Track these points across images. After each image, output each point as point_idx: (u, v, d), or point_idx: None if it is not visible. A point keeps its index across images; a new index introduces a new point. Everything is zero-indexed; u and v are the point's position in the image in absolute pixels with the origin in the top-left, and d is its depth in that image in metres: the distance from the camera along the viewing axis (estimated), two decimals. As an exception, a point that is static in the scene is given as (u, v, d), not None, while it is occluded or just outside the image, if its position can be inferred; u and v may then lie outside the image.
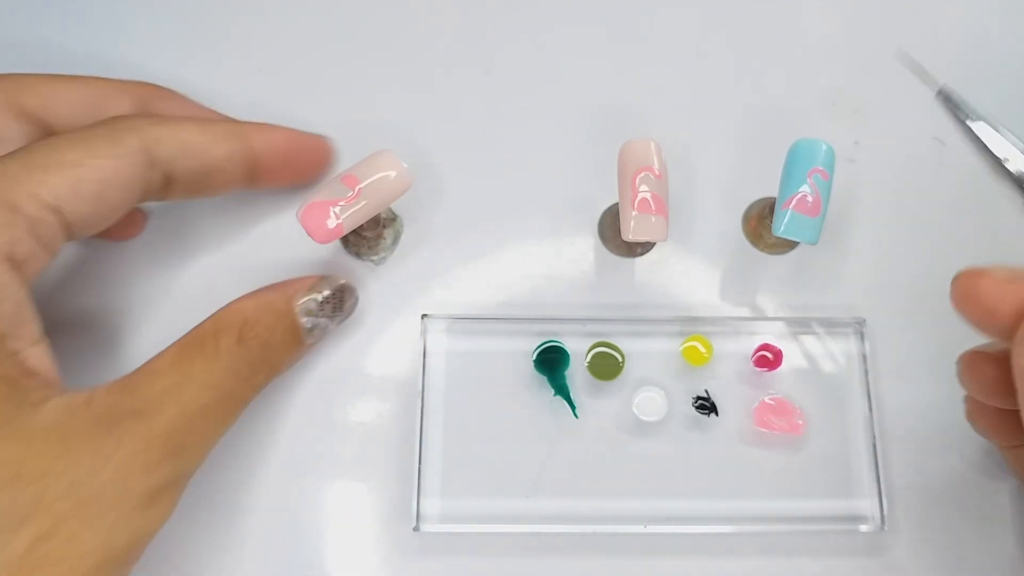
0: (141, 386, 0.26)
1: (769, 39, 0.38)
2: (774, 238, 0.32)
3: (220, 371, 0.27)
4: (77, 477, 0.23)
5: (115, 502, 0.24)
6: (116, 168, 0.27)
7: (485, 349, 0.33)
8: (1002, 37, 0.38)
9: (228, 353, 0.27)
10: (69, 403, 0.24)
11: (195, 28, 0.38)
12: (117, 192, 0.27)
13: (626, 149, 0.30)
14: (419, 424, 0.31)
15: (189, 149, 0.29)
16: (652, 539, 0.31)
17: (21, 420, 0.23)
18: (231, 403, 0.28)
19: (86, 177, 0.26)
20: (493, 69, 0.37)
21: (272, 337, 0.29)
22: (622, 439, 0.32)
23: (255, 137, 0.31)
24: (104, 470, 0.24)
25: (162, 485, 0.25)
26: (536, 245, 0.35)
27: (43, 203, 0.25)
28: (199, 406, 0.26)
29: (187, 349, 0.27)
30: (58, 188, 0.25)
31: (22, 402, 0.24)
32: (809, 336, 0.33)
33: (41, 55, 0.37)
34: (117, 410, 0.25)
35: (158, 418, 0.25)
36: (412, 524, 0.31)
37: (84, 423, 0.24)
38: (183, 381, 0.26)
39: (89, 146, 0.26)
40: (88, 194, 0.26)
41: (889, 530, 0.31)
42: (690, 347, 0.33)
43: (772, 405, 0.32)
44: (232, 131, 0.30)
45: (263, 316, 0.29)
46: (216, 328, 0.28)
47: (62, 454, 0.23)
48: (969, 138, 0.24)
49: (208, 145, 0.29)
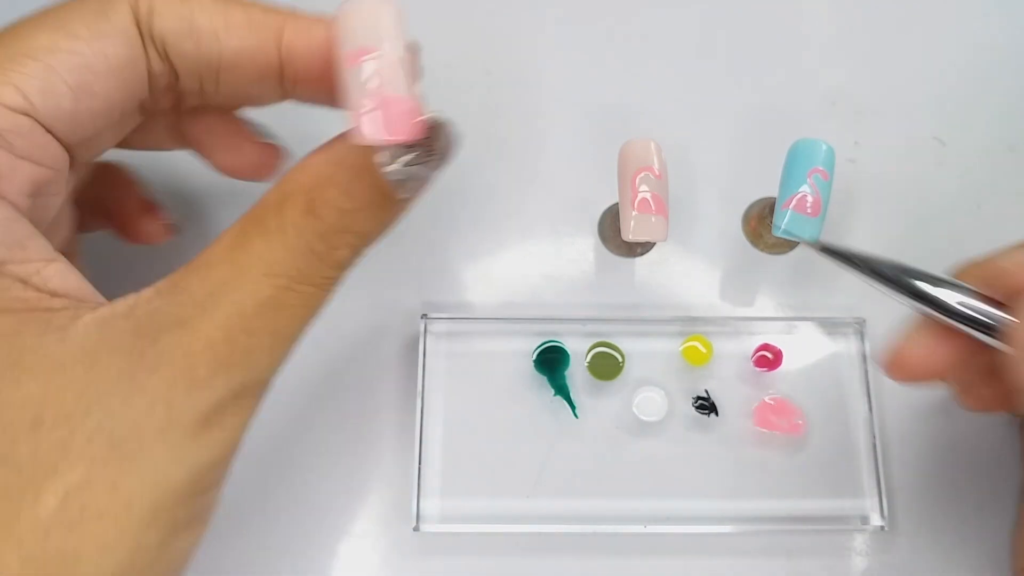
0: (191, 284, 0.21)
1: (769, 39, 0.38)
2: (774, 238, 0.32)
3: (285, 252, 0.22)
4: (109, 410, 0.20)
5: (158, 434, 0.20)
6: (101, 49, 0.22)
7: (485, 349, 0.33)
8: (1002, 37, 0.38)
9: (295, 227, 0.22)
10: (104, 318, 0.21)
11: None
12: (106, 80, 0.22)
13: (626, 149, 0.30)
14: (419, 424, 0.31)
15: (195, 30, 0.23)
16: (652, 539, 0.31)
17: (44, 351, 0.20)
18: (305, 290, 0.22)
19: (61, 65, 0.21)
20: (493, 69, 0.37)
21: (351, 200, 0.22)
22: (622, 439, 0.32)
23: (289, 30, 0.24)
24: (140, 396, 0.20)
25: (217, 403, 0.21)
26: (536, 245, 0.35)
27: (8, 106, 0.21)
28: (260, 300, 0.21)
29: (246, 229, 0.22)
30: (25, 84, 0.21)
31: (46, 328, 0.20)
32: (809, 336, 0.33)
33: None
34: (158, 317, 0.21)
35: (205, 322, 0.21)
36: (412, 524, 0.31)
37: (118, 341, 0.20)
38: (239, 272, 0.21)
39: (65, 25, 0.22)
40: (68, 86, 0.21)
41: (889, 530, 0.31)
42: (690, 347, 0.33)
43: (772, 405, 0.32)
44: (257, 18, 0.24)
45: (337, 175, 0.22)
46: (280, 198, 0.22)
47: (90, 384, 0.20)
48: (865, 276, 0.26)
49: (219, 29, 0.23)
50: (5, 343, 0.20)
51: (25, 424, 0.19)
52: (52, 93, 0.21)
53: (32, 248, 0.21)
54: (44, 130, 0.21)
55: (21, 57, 0.21)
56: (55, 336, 0.20)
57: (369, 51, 0.20)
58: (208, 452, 0.21)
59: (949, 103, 0.37)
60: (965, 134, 0.37)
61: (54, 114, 0.21)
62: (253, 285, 0.21)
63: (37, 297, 0.21)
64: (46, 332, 0.20)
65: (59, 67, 0.21)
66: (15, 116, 0.21)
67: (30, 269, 0.21)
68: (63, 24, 0.22)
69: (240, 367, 0.21)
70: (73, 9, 0.22)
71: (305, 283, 0.22)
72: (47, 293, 0.21)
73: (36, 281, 0.21)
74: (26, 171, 0.21)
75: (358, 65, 0.20)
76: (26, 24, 0.22)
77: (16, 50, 0.21)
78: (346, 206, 0.22)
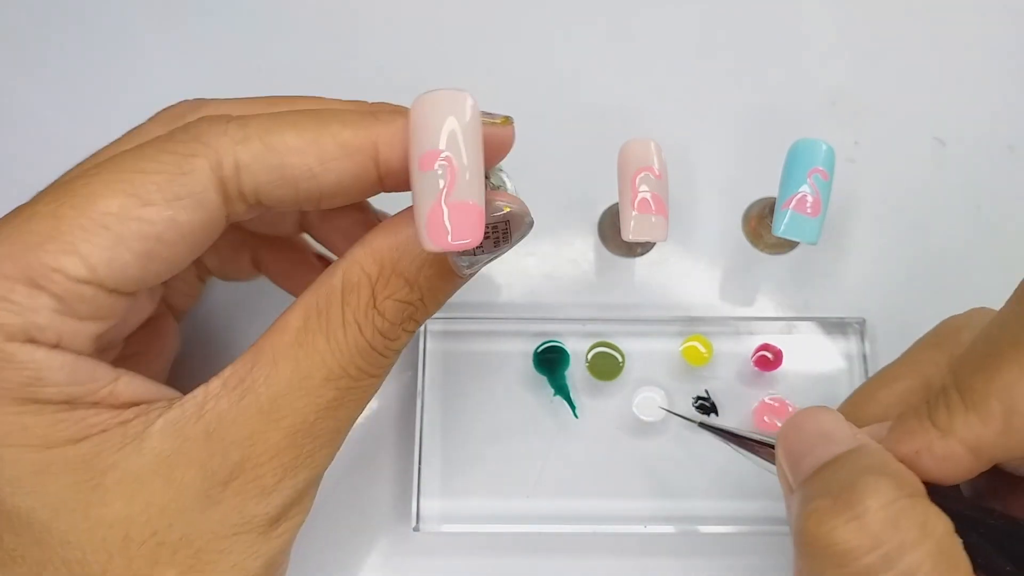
0: (257, 383, 0.22)
1: (769, 39, 0.38)
2: (774, 238, 0.32)
3: (348, 354, 0.22)
4: (190, 522, 0.21)
5: (235, 538, 0.22)
6: (173, 217, 0.20)
7: (485, 349, 0.33)
8: (1002, 37, 0.38)
9: (358, 326, 0.22)
10: (175, 422, 0.21)
11: (197, 32, 0.38)
12: (175, 247, 0.21)
13: (626, 149, 0.30)
14: (418, 424, 0.31)
15: (288, 176, 0.21)
16: (652, 539, 0.31)
17: (124, 466, 0.21)
18: (365, 383, 0.23)
19: (131, 235, 0.20)
20: (494, 69, 0.37)
21: (416, 291, 0.22)
22: (622, 439, 0.32)
23: (383, 144, 0.22)
24: (216, 508, 0.22)
25: (284, 504, 0.23)
26: (536, 245, 0.35)
27: (73, 277, 0.20)
28: (323, 404, 0.22)
29: (309, 323, 0.22)
30: (92, 255, 0.20)
31: (122, 442, 0.21)
32: (809, 336, 0.33)
33: (41, 59, 0.37)
34: (226, 424, 0.22)
35: (271, 432, 0.22)
36: (412, 524, 0.31)
37: (191, 451, 0.21)
38: (302, 376, 0.22)
39: (139, 189, 0.20)
40: (135, 254, 0.20)
41: (889, 530, 0.31)
42: (690, 347, 0.33)
43: (772, 405, 0.32)
44: (348, 142, 0.21)
45: (402, 263, 0.22)
46: (345, 286, 0.22)
47: (170, 500, 0.21)
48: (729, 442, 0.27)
49: (313, 167, 0.21)
50: (88, 468, 0.21)
51: (117, 541, 0.21)
52: (118, 263, 0.20)
53: (100, 378, 0.22)
54: (108, 291, 0.21)
55: (91, 224, 0.20)
56: (131, 448, 0.21)
57: (438, 155, 0.20)
58: (279, 541, 0.23)
59: (949, 103, 0.37)
60: (965, 134, 0.37)
61: (118, 280, 0.21)
62: (316, 392, 0.22)
63: (111, 415, 0.21)
64: (123, 446, 0.21)
65: (128, 236, 0.20)
66: (79, 285, 0.20)
67: (101, 395, 0.21)
68: (137, 188, 0.20)
69: (304, 468, 0.23)
70: (149, 166, 0.21)
71: (365, 378, 0.23)
72: (119, 407, 0.22)
73: (109, 401, 0.22)
74: (90, 328, 0.21)
75: (427, 171, 0.20)
76: (100, 177, 0.21)
77: (87, 214, 0.20)
78: (411, 297, 0.22)
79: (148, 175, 0.20)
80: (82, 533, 0.21)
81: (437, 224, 0.20)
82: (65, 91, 0.37)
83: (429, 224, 0.20)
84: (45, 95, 0.37)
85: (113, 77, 0.37)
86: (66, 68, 0.37)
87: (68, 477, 0.21)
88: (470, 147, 0.20)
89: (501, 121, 0.22)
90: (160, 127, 0.24)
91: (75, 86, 0.37)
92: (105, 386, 0.22)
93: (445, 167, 0.20)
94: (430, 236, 0.20)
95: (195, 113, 0.24)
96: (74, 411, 0.21)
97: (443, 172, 0.20)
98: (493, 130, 0.22)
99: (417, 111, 0.20)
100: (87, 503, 0.21)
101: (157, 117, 0.25)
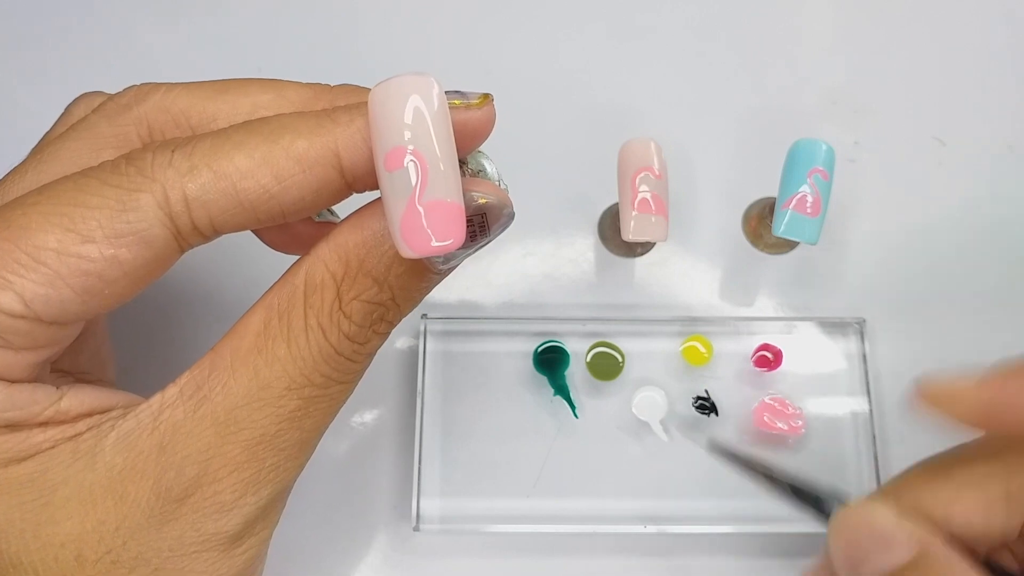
0: (214, 392, 0.20)
1: (769, 39, 0.38)
2: (774, 238, 0.32)
3: (312, 360, 0.20)
4: (145, 541, 0.20)
5: (194, 556, 0.21)
6: (114, 256, 0.19)
7: (485, 349, 0.33)
8: (1002, 37, 0.38)
9: (322, 330, 0.20)
10: (128, 435, 0.20)
11: (196, 30, 0.38)
12: (117, 284, 0.20)
13: (626, 149, 0.30)
14: (418, 424, 0.31)
15: (244, 201, 0.19)
16: (652, 539, 0.31)
17: (74, 482, 0.20)
18: (332, 391, 0.21)
19: (69, 272, 0.19)
20: (493, 69, 0.37)
21: (386, 291, 0.20)
22: (622, 439, 0.32)
23: (344, 150, 0.20)
24: (172, 526, 0.20)
25: (245, 522, 0.21)
26: (536, 245, 0.35)
27: (7, 312, 0.19)
28: (285, 415, 0.21)
29: (270, 327, 0.20)
30: (27, 291, 0.19)
31: (73, 457, 0.20)
32: (809, 336, 0.33)
33: (37, 53, 0.37)
34: (181, 436, 0.20)
35: (228, 446, 0.20)
36: (412, 524, 0.31)
37: (144, 465, 0.20)
38: (261, 387, 0.20)
39: (78, 224, 0.19)
40: (74, 291, 0.19)
41: (889, 530, 0.31)
42: (690, 347, 0.33)
43: (772, 405, 0.32)
44: (306, 154, 0.19)
45: (369, 261, 0.20)
46: (307, 287, 0.20)
47: (124, 518, 0.20)
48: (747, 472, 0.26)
49: (270, 187, 0.19)
50: (35, 486, 0.20)
51: (69, 560, 0.20)
52: (55, 299, 0.19)
53: (41, 400, 0.21)
54: (46, 324, 0.20)
55: (27, 259, 0.19)
56: (83, 463, 0.20)
57: (405, 151, 0.18)
58: (243, 558, 0.22)
59: (949, 103, 0.37)
60: (965, 134, 0.37)
61: (56, 314, 0.20)
62: (277, 402, 0.20)
63: (59, 431, 0.21)
64: (74, 461, 0.20)
65: (67, 273, 0.19)
66: (13, 320, 0.19)
67: (46, 415, 0.21)
68: (77, 223, 0.19)
69: (267, 483, 0.21)
70: (90, 200, 0.19)
71: (332, 385, 0.21)
72: (70, 422, 0.21)
73: (56, 419, 0.21)
74: (27, 358, 0.20)
75: (395, 170, 0.18)
76: (38, 208, 0.19)
77: (23, 248, 0.19)
78: (380, 298, 0.20)
79: (89, 209, 0.19)
80: (33, 553, 0.20)
81: (413, 227, 0.18)
82: (60, 89, 0.37)
83: (404, 228, 0.18)
84: (42, 93, 0.37)
85: (113, 78, 0.37)
86: (61, 65, 0.37)
87: (13, 497, 0.20)
88: (441, 138, 0.18)
89: (478, 102, 0.20)
90: (105, 121, 0.23)
91: (68, 84, 0.37)
92: (48, 407, 0.21)
93: (415, 163, 0.18)
94: (407, 241, 0.18)
95: (141, 103, 0.23)
96: (16, 433, 0.20)
97: (414, 169, 0.18)
98: (467, 114, 0.20)
99: (376, 104, 0.18)
100: (36, 522, 0.20)
101: (103, 108, 0.23)
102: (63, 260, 0.19)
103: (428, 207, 0.18)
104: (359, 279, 0.20)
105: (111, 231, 0.19)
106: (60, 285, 0.19)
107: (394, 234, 0.18)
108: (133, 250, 0.19)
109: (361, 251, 0.20)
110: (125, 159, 0.20)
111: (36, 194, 0.20)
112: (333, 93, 0.23)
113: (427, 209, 0.18)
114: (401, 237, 0.18)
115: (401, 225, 0.18)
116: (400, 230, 0.18)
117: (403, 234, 0.18)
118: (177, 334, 0.33)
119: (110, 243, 0.19)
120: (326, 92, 0.23)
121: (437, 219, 0.18)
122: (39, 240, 0.19)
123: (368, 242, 0.20)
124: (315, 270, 0.20)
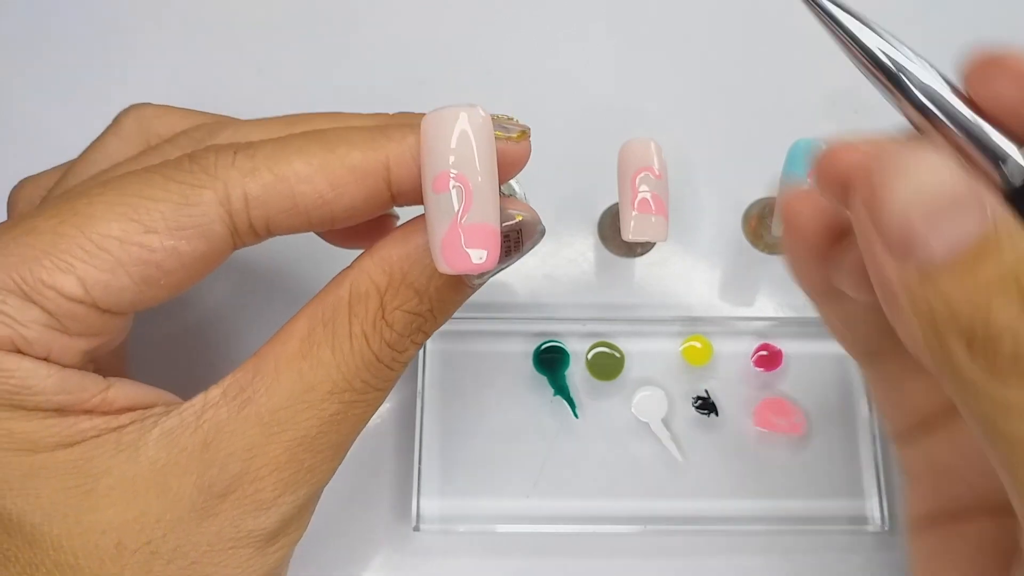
0: (258, 393, 0.21)
1: (769, 39, 0.38)
2: (774, 238, 0.32)
3: (354, 366, 0.21)
4: (184, 534, 0.21)
5: (231, 552, 0.21)
6: (175, 247, 0.20)
7: (485, 349, 0.33)
8: (1002, 37, 0.38)
9: (366, 338, 0.21)
10: (171, 431, 0.21)
11: (195, 32, 0.38)
12: (175, 275, 0.21)
13: (626, 149, 0.30)
14: (418, 424, 0.31)
15: (299, 204, 0.21)
16: (652, 539, 0.31)
17: (117, 472, 0.21)
18: (370, 396, 0.22)
19: (130, 261, 0.20)
20: (493, 69, 0.37)
21: (426, 302, 0.22)
22: (622, 439, 0.32)
23: (394, 164, 0.21)
24: (211, 521, 0.21)
25: (282, 520, 0.22)
26: (536, 245, 0.35)
27: (67, 295, 0.20)
28: (325, 418, 0.21)
29: (314, 334, 0.21)
30: (89, 277, 0.20)
31: (116, 448, 0.21)
32: (809, 336, 0.33)
33: (35, 55, 0.37)
34: (225, 435, 0.21)
35: (271, 446, 0.21)
36: (412, 524, 0.31)
37: (187, 461, 0.21)
38: (305, 389, 0.21)
39: (142, 215, 0.20)
40: (133, 280, 0.20)
41: (889, 530, 0.31)
42: (690, 347, 0.33)
43: (772, 405, 0.32)
44: (359, 165, 0.21)
45: (412, 274, 0.21)
46: (352, 297, 0.21)
47: (165, 510, 0.21)
48: (837, 35, 0.21)
49: (324, 194, 0.21)
50: (80, 473, 0.21)
51: (109, 548, 0.21)
52: (115, 286, 0.20)
53: (90, 387, 0.21)
54: (101, 311, 0.21)
55: (91, 246, 0.20)
56: (126, 455, 0.21)
57: (451, 176, 0.19)
58: (276, 557, 0.23)
59: (949, 103, 0.37)
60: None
61: (113, 302, 0.21)
62: (320, 405, 0.21)
63: (104, 421, 0.21)
64: (117, 452, 0.21)
65: (128, 261, 0.20)
66: (72, 304, 0.20)
67: (93, 403, 0.21)
68: (141, 214, 0.20)
69: (305, 484, 0.22)
70: (155, 194, 0.20)
71: (370, 391, 0.22)
72: (113, 413, 0.21)
73: (102, 408, 0.21)
74: (80, 344, 0.21)
75: (441, 193, 0.19)
76: (103, 199, 0.20)
77: (88, 235, 0.20)
78: (420, 308, 0.22)
79: (154, 202, 0.20)
80: (74, 538, 0.21)
81: (454, 247, 0.19)
82: (65, 92, 0.37)
83: (445, 247, 0.19)
84: (45, 95, 0.37)
85: (112, 77, 0.37)
86: (66, 68, 0.37)
87: (59, 481, 0.21)
88: (484, 166, 0.20)
89: (517, 136, 0.22)
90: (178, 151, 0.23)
91: (74, 87, 0.37)
92: (96, 395, 0.21)
93: (459, 188, 0.19)
94: (446, 259, 0.19)
95: (213, 138, 0.23)
96: (64, 418, 0.21)
97: (457, 194, 0.19)
98: (508, 146, 0.21)
99: (428, 130, 0.20)
100: (79, 508, 0.21)
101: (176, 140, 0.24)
102: (125, 248, 0.20)
103: (468, 229, 0.19)
104: (402, 290, 0.21)
105: (174, 223, 0.20)
106: (120, 273, 0.20)
107: (435, 251, 0.20)
108: (192, 243, 0.20)
109: (405, 264, 0.21)
110: (188, 158, 0.21)
111: (101, 185, 0.21)
112: (391, 120, 0.24)
113: (467, 231, 0.19)
114: (441, 255, 0.19)
115: (442, 244, 0.19)
116: (441, 248, 0.19)
117: (444, 252, 0.19)
118: (193, 343, 0.33)
119: (171, 234, 0.20)
120: (384, 119, 0.24)
121: (476, 240, 0.19)
122: (103, 228, 0.20)
123: (412, 255, 0.21)
124: (360, 281, 0.21)
